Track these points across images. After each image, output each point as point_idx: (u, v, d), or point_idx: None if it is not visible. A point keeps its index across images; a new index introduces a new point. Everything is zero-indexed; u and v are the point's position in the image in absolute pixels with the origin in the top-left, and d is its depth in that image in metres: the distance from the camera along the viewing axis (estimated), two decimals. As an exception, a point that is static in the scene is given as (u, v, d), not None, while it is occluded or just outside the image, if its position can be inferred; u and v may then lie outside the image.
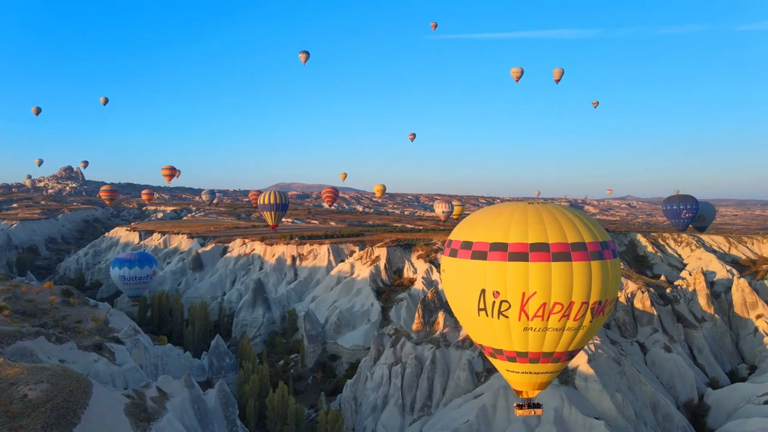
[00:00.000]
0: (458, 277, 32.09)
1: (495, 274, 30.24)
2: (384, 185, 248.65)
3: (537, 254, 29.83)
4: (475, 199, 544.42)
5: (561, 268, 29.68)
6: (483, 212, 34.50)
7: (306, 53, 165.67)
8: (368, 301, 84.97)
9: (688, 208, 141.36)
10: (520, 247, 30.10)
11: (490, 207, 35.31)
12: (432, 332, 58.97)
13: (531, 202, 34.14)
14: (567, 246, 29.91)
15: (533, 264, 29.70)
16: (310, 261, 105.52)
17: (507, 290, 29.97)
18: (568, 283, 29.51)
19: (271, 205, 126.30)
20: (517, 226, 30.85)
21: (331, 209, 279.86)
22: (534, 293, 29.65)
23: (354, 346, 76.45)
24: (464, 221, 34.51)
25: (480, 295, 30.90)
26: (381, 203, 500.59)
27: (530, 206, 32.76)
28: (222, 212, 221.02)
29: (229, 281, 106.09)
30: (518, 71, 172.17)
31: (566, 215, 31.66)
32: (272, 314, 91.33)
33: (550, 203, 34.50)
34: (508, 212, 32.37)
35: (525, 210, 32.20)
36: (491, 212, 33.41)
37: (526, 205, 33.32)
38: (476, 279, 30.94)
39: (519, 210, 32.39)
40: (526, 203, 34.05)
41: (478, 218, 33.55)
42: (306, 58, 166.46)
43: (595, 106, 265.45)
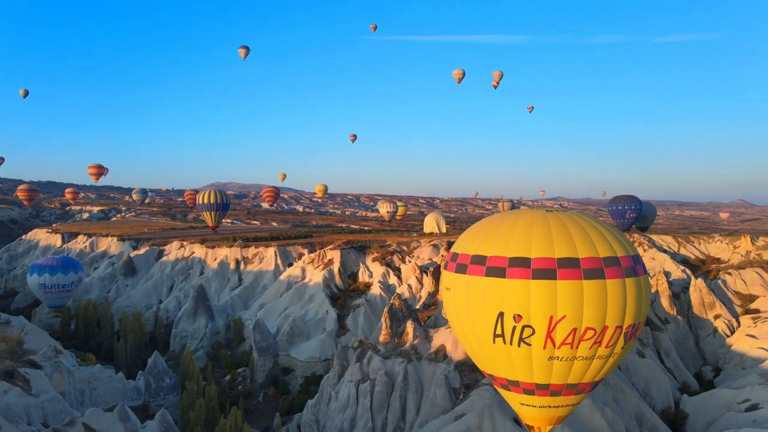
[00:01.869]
0: (469, 298, 27.05)
1: (516, 295, 25.39)
2: (326, 185, 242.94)
3: (566, 271, 25.15)
4: (415, 200, 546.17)
5: (594, 288, 25.17)
6: (493, 220, 29.60)
7: (246, 48, 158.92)
8: (322, 308, 78.87)
9: (633, 208, 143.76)
10: (545, 262, 25.35)
11: (501, 215, 30.42)
12: (401, 344, 53.77)
13: (550, 210, 29.74)
14: (599, 261, 25.40)
15: (562, 282, 25.02)
16: (256, 265, 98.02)
17: (531, 314, 25.19)
18: (602, 304, 25.07)
19: (211, 204, 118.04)
20: (540, 238, 26.05)
21: (271, 209, 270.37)
22: (563, 317, 25.00)
23: (309, 358, 70.18)
24: (472, 231, 29.52)
25: (497, 319, 25.97)
26: (321, 203, 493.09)
27: (550, 214, 28.08)
28: (155, 212, 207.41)
29: (166, 288, 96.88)
30: (460, 73, 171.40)
31: (592, 225, 27.20)
32: (215, 324, 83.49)
33: (562, 210, 30.18)
34: (526, 221, 27.61)
35: (546, 218, 27.51)
36: (505, 221, 28.55)
37: (545, 212, 28.74)
38: (493, 300, 26.02)
39: (539, 218, 27.67)
40: (543, 210, 29.54)
41: (489, 228, 28.61)
42: (246, 53, 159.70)
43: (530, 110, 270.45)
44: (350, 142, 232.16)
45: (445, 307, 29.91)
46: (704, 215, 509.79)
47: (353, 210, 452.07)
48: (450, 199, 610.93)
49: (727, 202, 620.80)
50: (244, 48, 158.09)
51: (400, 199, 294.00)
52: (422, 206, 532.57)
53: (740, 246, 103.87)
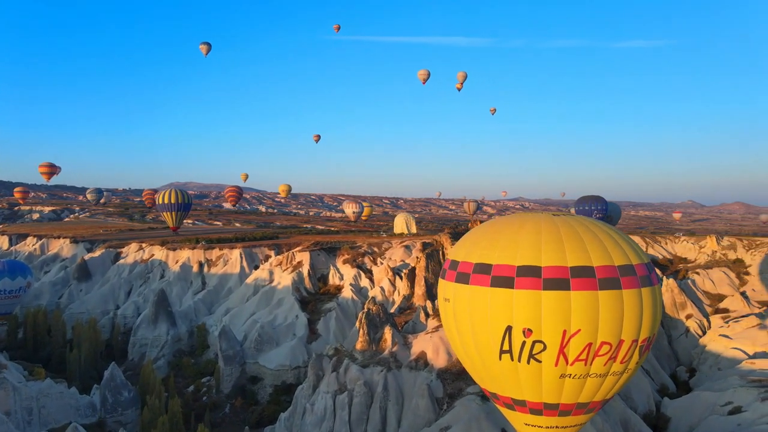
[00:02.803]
0: (472, 310, 24.51)
1: (526, 307, 22.97)
2: (289, 185, 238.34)
3: (580, 281, 22.87)
4: (380, 200, 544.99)
5: (610, 299, 22.97)
6: (496, 225, 27.12)
7: (207, 45, 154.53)
8: (292, 312, 75.43)
9: (599, 208, 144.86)
10: (557, 271, 23.00)
11: (503, 219, 27.98)
12: (379, 351, 51.06)
13: (557, 213, 27.52)
14: (615, 270, 23.23)
15: (576, 293, 22.72)
16: (220, 267, 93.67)
17: (542, 327, 22.81)
18: (618, 316, 22.90)
19: (172, 204, 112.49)
20: (550, 244, 23.69)
21: (234, 210, 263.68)
22: (577, 331, 22.72)
23: (279, 366, 66.69)
24: (472, 236, 27.01)
25: (505, 333, 23.51)
26: (284, 204, 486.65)
27: (558, 218, 25.81)
28: (111, 213, 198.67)
29: (124, 292, 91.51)
30: (425, 73, 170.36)
31: (603, 230, 24.98)
32: (178, 330, 78.95)
33: (568, 214, 28.07)
34: (533, 226, 25.24)
35: (554, 223, 25.20)
36: (509, 226, 26.12)
37: (551, 216, 26.48)
38: (500, 313, 23.55)
39: (546, 223, 25.34)
40: (548, 214, 27.29)
41: (492, 233, 26.14)
42: (207, 49, 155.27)
43: (492, 113, 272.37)
44: (314, 142, 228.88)
45: (444, 320, 27.35)
46: (658, 215, 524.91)
47: (317, 210, 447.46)
48: (414, 200, 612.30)
49: (678, 203, 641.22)
50: (205, 44, 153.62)
51: (365, 200, 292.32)
52: (386, 206, 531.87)
53: (706, 246, 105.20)
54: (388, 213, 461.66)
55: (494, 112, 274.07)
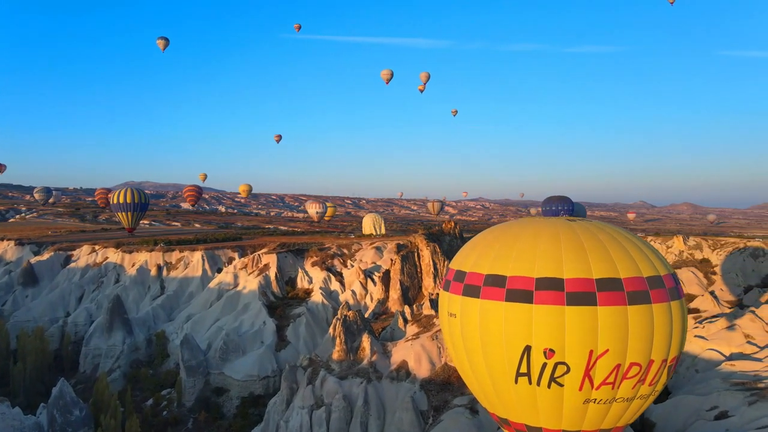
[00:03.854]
0: (484, 328, 21.59)
1: (548, 325, 20.17)
2: (250, 185, 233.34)
3: (607, 295, 20.20)
4: (341, 200, 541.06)
5: (640, 314, 20.37)
6: (507, 231, 24.17)
7: (165, 39, 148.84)
8: (259, 318, 71.30)
9: (566, 209, 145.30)
10: (582, 284, 20.31)
11: (513, 224, 25.13)
12: (357, 361, 47.85)
13: (572, 218, 24.95)
14: (643, 282, 20.68)
15: (604, 309, 20.08)
16: (181, 271, 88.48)
17: (566, 348, 20.23)
18: (648, 334, 20.39)
19: (128, 204, 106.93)
20: (572, 254, 20.94)
21: (193, 210, 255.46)
22: (605, 351, 20.11)
23: (247, 377, 62.56)
24: (479, 243, 24.10)
25: (523, 354, 20.70)
26: (245, 204, 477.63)
27: (576, 224, 23.07)
28: (61, 213, 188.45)
29: (75, 298, 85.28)
30: (388, 73, 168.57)
31: (626, 237, 22.44)
32: (134, 339, 73.67)
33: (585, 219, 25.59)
34: (551, 233, 22.43)
35: (572, 230, 22.44)
36: (523, 232, 23.24)
37: (567, 221, 23.80)
38: (517, 331, 20.71)
39: (564, 230, 22.58)
40: (563, 219, 24.67)
41: (503, 240, 23.22)
42: (165, 45, 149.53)
43: (454, 114, 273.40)
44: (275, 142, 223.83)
45: (448, 338, 24.45)
46: (613, 215, 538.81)
47: (278, 210, 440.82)
48: (376, 200, 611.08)
49: (631, 203, 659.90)
50: (163, 39, 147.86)
51: (326, 200, 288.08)
52: (348, 207, 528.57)
53: (673, 246, 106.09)
54: (351, 213, 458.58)
55: (456, 114, 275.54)
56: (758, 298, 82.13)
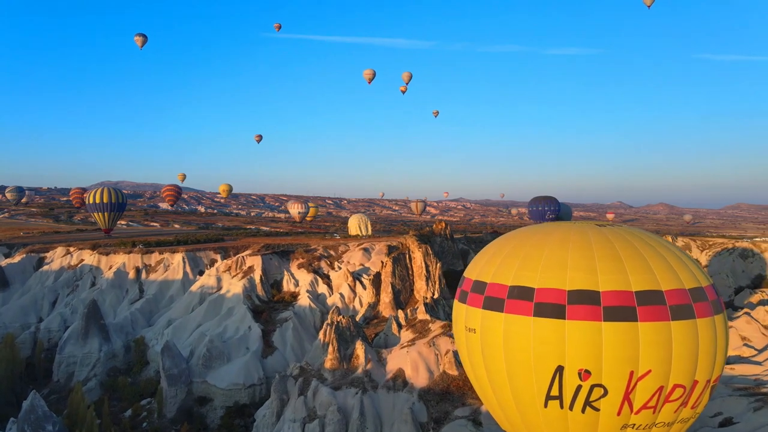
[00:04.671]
0: (509, 345, 19.30)
1: (583, 343, 17.96)
2: (230, 185, 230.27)
3: (649, 309, 18.10)
4: (322, 200, 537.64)
5: (684, 330, 18.34)
6: (529, 238, 21.76)
7: (143, 36, 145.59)
8: (244, 323, 68.35)
9: (552, 209, 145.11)
10: (620, 297, 18.13)
11: (535, 229, 22.78)
12: (351, 370, 45.40)
13: (601, 223, 22.84)
14: (686, 295, 18.67)
15: (646, 325, 17.99)
16: (161, 273, 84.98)
17: (604, 369, 18.13)
18: (693, 352, 18.34)
19: (104, 204, 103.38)
20: (608, 264, 18.81)
21: (171, 210, 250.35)
22: (647, 372, 18.01)
23: (231, 385, 59.61)
24: (498, 250, 21.78)
25: (555, 375, 18.58)
26: (224, 204, 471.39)
27: (608, 230, 20.84)
28: (34, 213, 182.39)
29: (48, 303, 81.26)
30: (371, 73, 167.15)
31: (662, 243, 20.38)
32: (112, 345, 70.14)
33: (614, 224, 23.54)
34: (580, 240, 20.11)
35: (605, 236, 20.19)
36: (549, 238, 20.83)
37: (596, 227, 21.60)
38: (548, 349, 18.47)
39: (596, 236, 20.29)
40: (591, 224, 22.53)
41: (527, 248, 20.80)
42: (143, 42, 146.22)
43: (435, 115, 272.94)
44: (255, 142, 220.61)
45: (465, 355, 22.20)
46: (592, 215, 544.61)
47: (259, 211, 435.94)
48: (357, 200, 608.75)
49: (609, 204, 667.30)
50: (140, 36, 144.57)
51: (307, 200, 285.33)
52: (330, 207, 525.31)
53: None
54: (332, 213, 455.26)
55: (437, 115, 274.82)
56: (749, 298, 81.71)
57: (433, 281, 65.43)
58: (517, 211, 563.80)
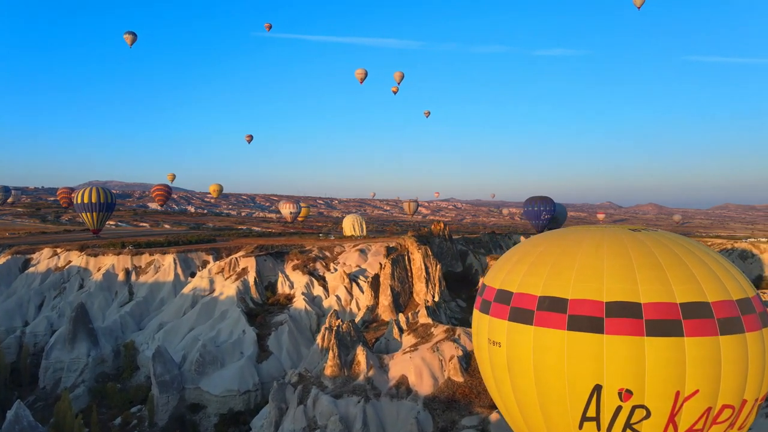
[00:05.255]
0: (540, 361, 17.52)
1: (624, 360, 16.21)
2: (221, 185, 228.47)
3: (695, 323, 16.37)
4: (313, 200, 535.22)
5: (733, 346, 16.53)
6: (558, 243, 19.87)
7: (132, 34, 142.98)
8: (238, 327, 66.32)
9: (547, 209, 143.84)
10: (664, 309, 16.44)
11: (564, 234, 20.89)
12: (352, 377, 43.60)
13: (635, 228, 21.18)
14: (734, 306, 16.96)
15: (692, 341, 16.26)
16: (151, 275, 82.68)
17: (647, 388, 16.51)
18: (743, 369, 16.60)
19: (93, 204, 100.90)
20: (648, 272, 17.07)
21: (161, 210, 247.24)
22: (695, 392, 16.36)
23: (225, 392, 57.61)
24: (522, 256, 19.94)
25: (591, 395, 16.95)
26: (214, 204, 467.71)
27: (645, 235, 19.05)
28: (21, 213, 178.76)
29: (34, 306, 78.67)
30: (362, 72, 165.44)
31: (704, 250, 18.78)
32: (100, 350, 67.86)
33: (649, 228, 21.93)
34: (614, 244, 18.31)
35: (641, 242, 18.38)
36: (580, 245, 19.03)
37: (630, 232, 19.83)
38: (584, 366, 16.74)
39: (631, 242, 18.44)
40: (624, 228, 20.87)
41: (556, 254, 18.91)
42: (133, 40, 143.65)
43: (426, 115, 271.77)
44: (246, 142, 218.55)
45: (488, 370, 20.50)
46: (582, 216, 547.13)
47: (249, 211, 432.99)
48: (348, 200, 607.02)
49: (598, 204, 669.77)
50: (130, 34, 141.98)
51: (298, 200, 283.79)
52: (321, 207, 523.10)
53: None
54: (324, 214, 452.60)
55: (428, 115, 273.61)
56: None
57: (433, 283, 63.80)
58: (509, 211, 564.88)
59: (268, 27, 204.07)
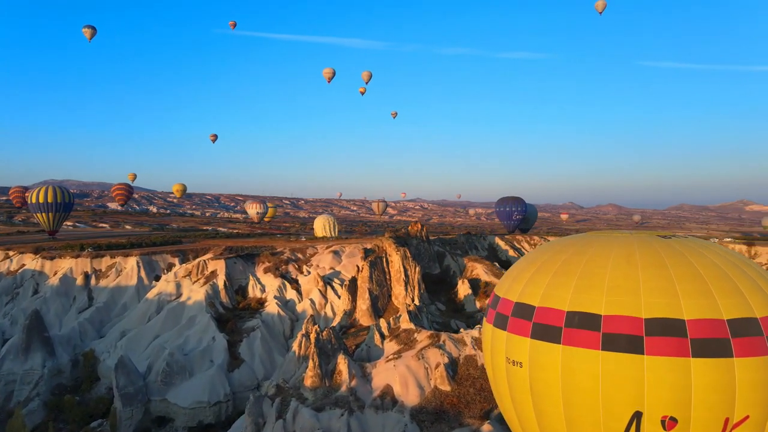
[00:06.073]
0: (569, 384, 15.57)
1: (668, 384, 14.25)
2: (184, 185, 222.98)
3: (745, 341, 14.45)
4: (279, 200, 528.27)
5: None
6: (582, 251, 17.77)
7: (91, 28, 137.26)
8: (207, 333, 62.90)
9: (519, 210, 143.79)
10: (711, 327, 14.45)
11: (587, 240, 18.81)
12: (333, 387, 41.08)
13: (665, 234, 19.43)
14: None
15: (742, 361, 14.40)
16: (112, 279, 78.15)
17: (693, 415, 14.69)
18: None
19: (48, 204, 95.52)
20: (690, 285, 15.16)
21: (122, 210, 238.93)
22: (745, 418, 14.64)
23: (194, 403, 54.25)
24: (542, 265, 17.76)
25: (631, 423, 14.99)
26: (177, 204, 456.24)
27: (675, 242, 17.63)
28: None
29: (-17, 313, 73.25)
30: (330, 72, 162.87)
31: (744, 260, 17.07)
32: (57, 360, 63.40)
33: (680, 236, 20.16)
34: (649, 255, 16.54)
35: (678, 252, 16.48)
36: (608, 253, 16.89)
37: (663, 240, 18.04)
38: (622, 391, 14.74)
39: (667, 250, 16.41)
40: (653, 234, 19.02)
41: (582, 263, 16.84)
42: (92, 34, 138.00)
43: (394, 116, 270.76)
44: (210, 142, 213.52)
45: (503, 390, 18.44)
46: (546, 216, 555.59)
47: (214, 211, 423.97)
48: (315, 200, 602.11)
49: (560, 204, 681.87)
50: (89, 28, 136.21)
51: (264, 200, 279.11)
52: (287, 207, 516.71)
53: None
54: (290, 214, 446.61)
55: (395, 116, 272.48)
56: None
57: (413, 286, 61.76)
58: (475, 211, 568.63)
59: (232, 25, 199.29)
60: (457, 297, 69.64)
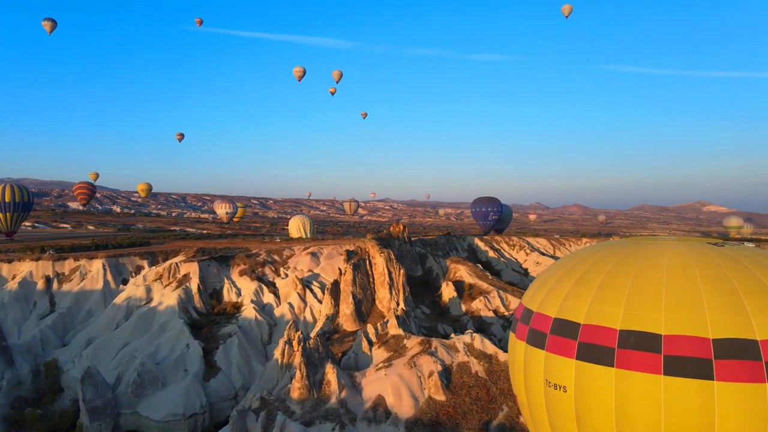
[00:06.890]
0: (628, 413, 13.69)
1: (743, 413, 12.16)
2: (150, 184, 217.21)
3: None
4: (248, 200, 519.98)
5: None
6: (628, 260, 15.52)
7: (51, 21, 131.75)
8: (181, 341, 59.55)
9: (495, 210, 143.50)
10: None
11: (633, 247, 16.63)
12: (322, 399, 38.67)
13: (715, 241, 17.62)
14: None
15: None
16: (76, 283, 73.76)
17: None
18: None
19: (6, 203, 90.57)
20: (759, 300, 13.07)
21: (84, 210, 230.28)
22: None
23: (169, 416, 50.97)
24: (581, 276, 15.74)
25: None
26: (142, 203, 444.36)
27: (730, 251, 15.66)
28: None
29: (-66, 321, 68.00)
30: (301, 70, 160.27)
31: None
32: (16, 371, 59.15)
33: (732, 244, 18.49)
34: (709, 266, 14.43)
35: (738, 262, 14.55)
36: (656, 264, 14.87)
37: (713, 247, 16.44)
38: (689, 421, 12.82)
39: (727, 261, 14.32)
40: (703, 241, 17.17)
41: (631, 275, 14.80)
42: (52, 27, 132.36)
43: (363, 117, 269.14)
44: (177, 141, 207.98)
45: (543, 416, 16.47)
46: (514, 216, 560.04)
47: (180, 211, 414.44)
48: (284, 200, 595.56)
49: (527, 205, 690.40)
50: (49, 20, 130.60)
51: (231, 200, 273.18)
52: (255, 207, 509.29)
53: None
54: (259, 214, 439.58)
55: (365, 116, 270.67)
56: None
57: (397, 290, 59.72)
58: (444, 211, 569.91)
59: (198, 22, 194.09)
60: (442, 300, 67.94)
